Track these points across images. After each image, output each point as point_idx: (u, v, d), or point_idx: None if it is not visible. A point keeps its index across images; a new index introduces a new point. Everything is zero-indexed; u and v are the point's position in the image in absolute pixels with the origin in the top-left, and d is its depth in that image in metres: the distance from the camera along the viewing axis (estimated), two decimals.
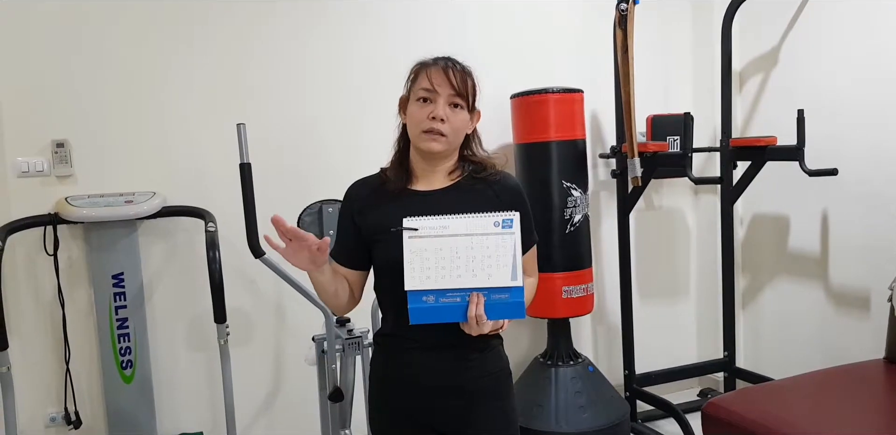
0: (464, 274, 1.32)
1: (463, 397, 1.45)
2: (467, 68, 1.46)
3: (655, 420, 3.17)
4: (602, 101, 3.16)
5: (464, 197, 1.45)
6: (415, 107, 1.43)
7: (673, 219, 3.55)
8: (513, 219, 1.33)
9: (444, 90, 1.41)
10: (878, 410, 2.16)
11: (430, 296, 1.32)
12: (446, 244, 1.33)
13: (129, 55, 2.57)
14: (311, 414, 2.57)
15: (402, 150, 1.52)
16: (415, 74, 1.46)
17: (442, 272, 1.32)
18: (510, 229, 1.33)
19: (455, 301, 1.32)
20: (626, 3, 2.69)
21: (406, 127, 1.49)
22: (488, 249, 1.32)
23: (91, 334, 2.57)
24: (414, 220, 1.35)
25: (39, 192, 2.47)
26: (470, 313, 1.31)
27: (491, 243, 1.32)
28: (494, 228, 1.33)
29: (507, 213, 1.34)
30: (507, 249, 1.32)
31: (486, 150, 1.54)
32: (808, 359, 3.04)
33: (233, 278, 2.65)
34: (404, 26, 2.93)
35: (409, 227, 1.34)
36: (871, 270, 2.80)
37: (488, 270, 1.31)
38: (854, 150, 2.83)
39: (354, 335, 2.38)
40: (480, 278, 1.31)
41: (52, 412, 2.55)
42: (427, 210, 1.36)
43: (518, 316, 1.34)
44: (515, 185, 1.51)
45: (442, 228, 1.34)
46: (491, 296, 1.31)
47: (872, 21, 2.74)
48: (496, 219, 1.33)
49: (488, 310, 1.31)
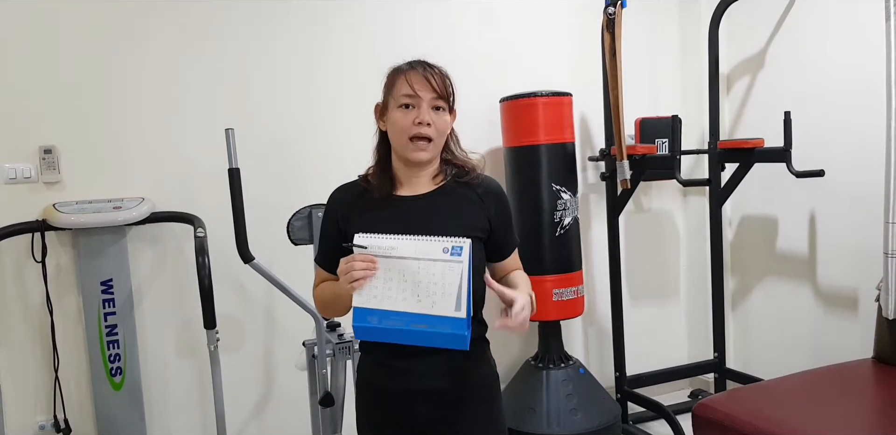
0: (409, 298, 1.28)
1: (450, 402, 1.45)
2: (443, 70, 1.46)
3: (646, 421, 3.18)
4: (591, 105, 3.18)
5: (449, 201, 1.46)
6: (398, 113, 1.42)
7: (662, 221, 3.57)
8: (462, 247, 1.27)
9: (426, 94, 1.41)
10: (868, 410, 2.18)
11: (375, 317, 1.29)
12: (394, 266, 1.29)
13: (116, 61, 2.55)
14: (302, 419, 2.57)
15: (384, 158, 1.51)
16: (392, 81, 1.46)
17: (388, 293, 1.29)
18: (458, 257, 1.27)
19: (398, 325, 1.28)
20: (614, 6, 2.71)
21: (385, 134, 1.48)
22: (434, 276, 1.27)
23: (80, 341, 2.56)
24: (365, 237, 1.32)
25: (27, 199, 2.46)
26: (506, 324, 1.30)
27: (437, 270, 1.27)
28: (443, 255, 1.27)
29: (458, 239, 1.28)
30: (454, 278, 1.26)
31: (464, 150, 1.54)
32: (797, 359, 3.05)
33: (222, 284, 2.64)
34: (394, 30, 2.93)
35: (358, 244, 1.31)
36: (859, 270, 2.82)
37: (433, 297, 1.27)
38: (840, 152, 2.85)
39: (345, 340, 2.37)
40: (424, 305, 1.27)
41: (42, 420, 2.53)
42: (413, 216, 1.36)
43: (459, 347, 1.29)
44: (497, 187, 1.52)
45: (390, 249, 1.30)
46: (433, 325, 1.27)
47: (858, 25, 2.76)
48: (445, 245, 1.28)
49: (429, 338, 1.29)
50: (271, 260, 2.48)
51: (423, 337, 1.29)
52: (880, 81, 2.36)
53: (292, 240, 2.26)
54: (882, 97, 2.35)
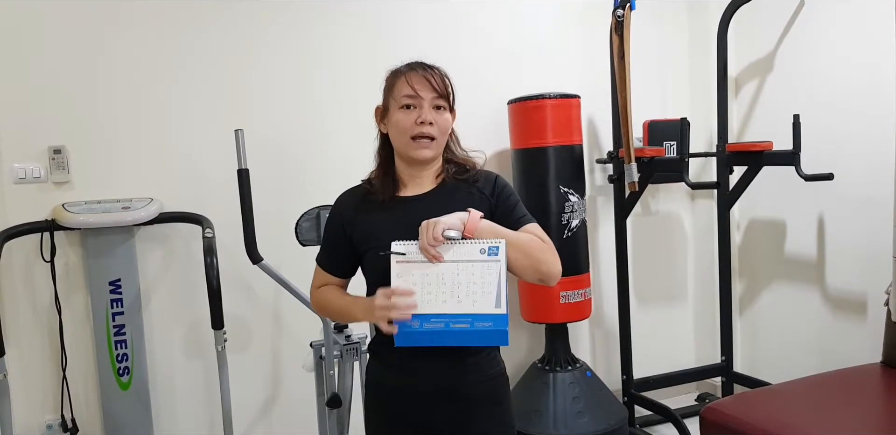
0: (448, 300, 1.31)
1: (459, 403, 1.45)
2: (442, 70, 1.47)
3: (653, 425, 3.17)
4: (599, 107, 3.17)
5: (450, 197, 1.46)
6: (400, 114, 1.43)
7: (670, 224, 3.56)
8: (499, 246, 1.32)
9: (427, 94, 1.42)
10: (876, 414, 2.17)
11: (416, 321, 1.32)
12: (432, 270, 1.32)
13: (126, 61, 2.57)
14: (309, 420, 2.57)
15: (386, 160, 1.52)
16: (391, 83, 1.47)
17: (427, 297, 1.32)
18: (496, 257, 1.31)
19: (439, 326, 1.31)
20: (623, 9, 2.71)
21: (387, 136, 1.49)
22: (473, 276, 1.31)
23: (88, 341, 2.56)
24: (403, 244, 1.34)
25: (36, 199, 2.47)
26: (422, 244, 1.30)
27: (476, 270, 1.31)
28: (480, 255, 1.32)
29: (494, 240, 1.33)
30: (493, 277, 1.31)
31: (465, 149, 1.55)
32: (805, 363, 3.04)
33: (230, 284, 2.65)
34: (402, 31, 2.93)
35: (396, 251, 1.33)
36: (868, 274, 2.80)
37: (473, 296, 1.31)
38: (850, 155, 2.84)
39: (352, 341, 2.37)
40: (465, 305, 1.31)
41: (49, 419, 2.54)
42: (417, 214, 1.37)
43: (501, 343, 1.33)
44: (493, 175, 1.52)
45: None
46: (474, 323, 1.31)
47: (867, 27, 2.75)
48: (482, 246, 1.32)
49: (471, 337, 1.31)
50: (279, 261, 2.48)
51: (465, 336, 1.32)
52: (890, 84, 2.35)
53: (300, 241, 2.26)
54: (892, 100, 2.35)
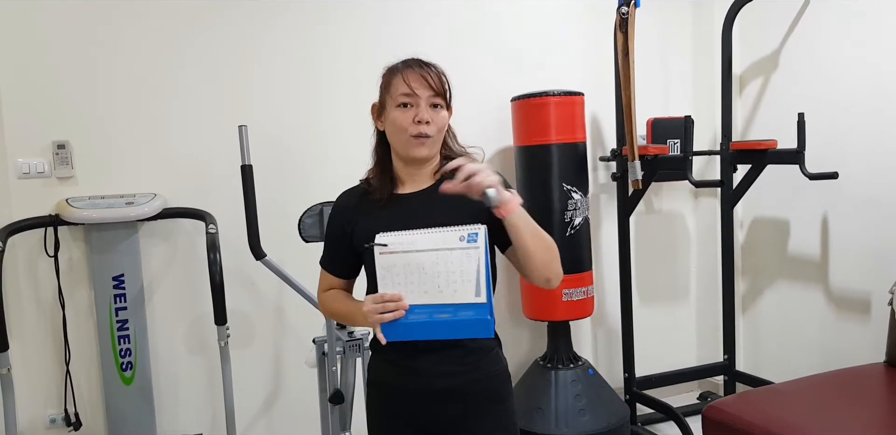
0: (430, 290, 1.30)
1: (462, 400, 1.45)
2: (439, 67, 1.46)
3: (655, 423, 3.17)
4: (603, 104, 3.17)
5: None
6: (397, 113, 1.43)
7: (673, 222, 3.55)
8: (478, 232, 1.28)
9: (424, 92, 1.41)
10: (879, 414, 2.16)
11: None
12: (414, 260, 1.31)
13: (130, 56, 2.57)
14: (312, 416, 2.57)
15: (383, 158, 1.52)
16: (388, 80, 1.47)
17: (411, 287, 1.31)
18: (474, 244, 1.28)
19: (423, 318, 1.30)
20: (627, 6, 2.70)
21: (383, 133, 1.49)
22: (452, 265, 1.29)
23: (91, 336, 2.57)
24: (385, 235, 1.33)
25: (40, 194, 2.47)
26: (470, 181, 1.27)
27: (455, 258, 1.29)
28: (459, 243, 1.29)
29: (474, 226, 1.29)
30: (472, 265, 1.28)
31: (462, 145, 1.54)
32: (808, 362, 3.04)
33: (233, 280, 2.65)
34: (405, 29, 2.93)
35: (379, 243, 1.33)
36: (872, 273, 2.80)
37: (454, 285, 1.29)
38: (854, 154, 2.83)
39: (355, 337, 2.37)
40: (446, 294, 1.29)
41: (52, 414, 2.55)
42: (415, 212, 1.36)
43: (484, 335, 1.30)
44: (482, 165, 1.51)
45: (410, 244, 1.31)
46: (457, 313, 1.29)
47: (873, 25, 2.74)
48: (461, 233, 1.29)
49: (455, 327, 1.30)
50: (282, 257, 2.48)
51: (448, 327, 1.30)
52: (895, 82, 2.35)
53: (303, 237, 2.27)
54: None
